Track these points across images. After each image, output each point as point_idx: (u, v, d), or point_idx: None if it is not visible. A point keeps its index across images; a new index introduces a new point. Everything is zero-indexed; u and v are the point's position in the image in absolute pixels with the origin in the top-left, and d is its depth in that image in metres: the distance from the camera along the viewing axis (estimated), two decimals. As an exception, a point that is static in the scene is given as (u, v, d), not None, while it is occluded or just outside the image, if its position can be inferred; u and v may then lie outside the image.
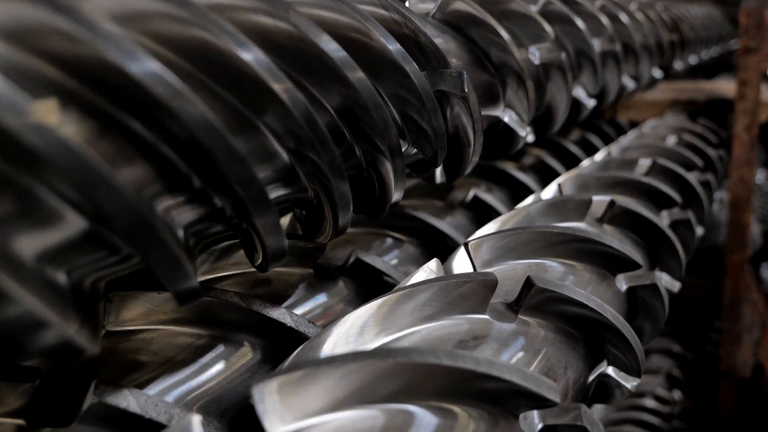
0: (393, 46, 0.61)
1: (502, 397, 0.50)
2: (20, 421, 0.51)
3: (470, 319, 0.62)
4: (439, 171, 0.85)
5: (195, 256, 0.50)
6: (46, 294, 0.37)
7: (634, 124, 1.96)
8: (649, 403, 1.98)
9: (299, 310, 0.74)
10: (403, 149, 0.69)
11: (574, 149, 1.58)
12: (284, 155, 0.53)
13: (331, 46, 0.53)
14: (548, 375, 0.62)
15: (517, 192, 1.28)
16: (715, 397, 2.15)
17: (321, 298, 0.77)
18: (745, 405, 2.30)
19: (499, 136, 0.97)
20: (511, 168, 1.29)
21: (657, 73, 1.78)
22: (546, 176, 1.41)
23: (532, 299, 0.64)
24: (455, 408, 0.50)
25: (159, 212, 0.44)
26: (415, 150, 0.72)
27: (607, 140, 1.78)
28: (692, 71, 3.07)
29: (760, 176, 3.36)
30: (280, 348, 0.63)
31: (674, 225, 1.15)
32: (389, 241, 0.95)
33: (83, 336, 0.39)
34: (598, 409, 1.88)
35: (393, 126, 0.59)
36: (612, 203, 0.93)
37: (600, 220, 0.93)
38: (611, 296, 0.81)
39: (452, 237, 0.96)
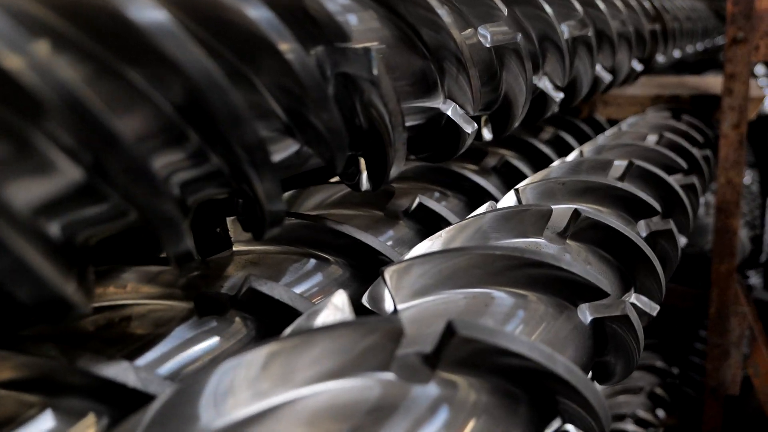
0: (259, 14, 0.45)
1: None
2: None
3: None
4: (364, 177, 0.69)
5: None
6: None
7: (614, 122, 1.81)
8: (630, 428, 1.81)
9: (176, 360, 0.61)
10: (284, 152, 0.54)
11: (546, 150, 1.42)
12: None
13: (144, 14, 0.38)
14: None
15: (476, 199, 1.13)
16: (701, 416, 2.00)
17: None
18: (733, 424, 2.14)
19: (443, 133, 0.82)
20: (469, 171, 1.12)
21: (637, 65, 1.62)
22: (512, 180, 1.26)
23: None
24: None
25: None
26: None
27: (584, 139, 1.63)
28: (677, 68, 2.93)
29: (747, 177, 3.21)
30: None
31: (653, 237, 1.00)
32: (312, 262, 0.79)
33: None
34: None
35: (248, 122, 0.42)
36: (577, 214, 0.80)
37: (562, 235, 0.80)
38: (571, 332, 0.68)
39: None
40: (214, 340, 0.63)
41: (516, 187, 0.92)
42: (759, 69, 3.73)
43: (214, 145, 0.44)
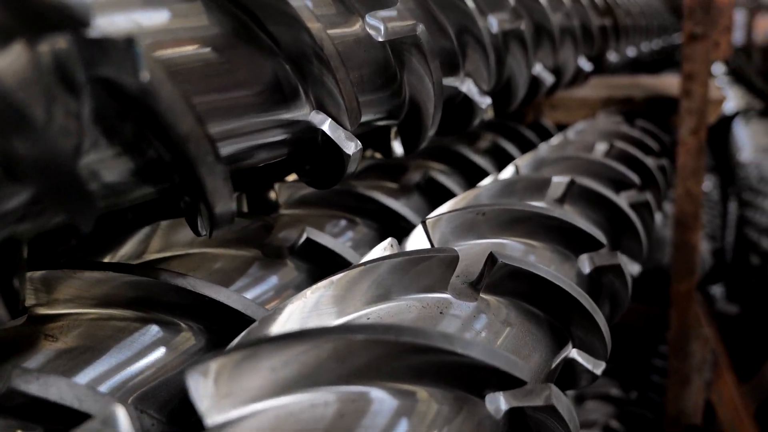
0: None
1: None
2: None
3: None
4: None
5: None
6: None
7: (562, 128, 1.63)
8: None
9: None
10: None
11: (481, 161, 1.23)
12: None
13: None
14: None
15: (390, 225, 0.98)
16: (661, 446, 1.83)
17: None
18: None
19: (322, 153, 0.67)
20: (380, 192, 0.94)
21: (586, 64, 1.45)
22: (439, 199, 1.07)
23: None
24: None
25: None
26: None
27: (528, 148, 1.45)
28: (633, 67, 2.77)
29: (707, 183, 3.07)
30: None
31: (598, 273, 0.82)
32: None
33: None
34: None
35: None
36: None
37: (475, 287, 0.69)
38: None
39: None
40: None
41: (426, 218, 0.73)
42: (716, 68, 3.62)
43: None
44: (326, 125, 0.58)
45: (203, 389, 0.38)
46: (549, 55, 1.19)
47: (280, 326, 0.51)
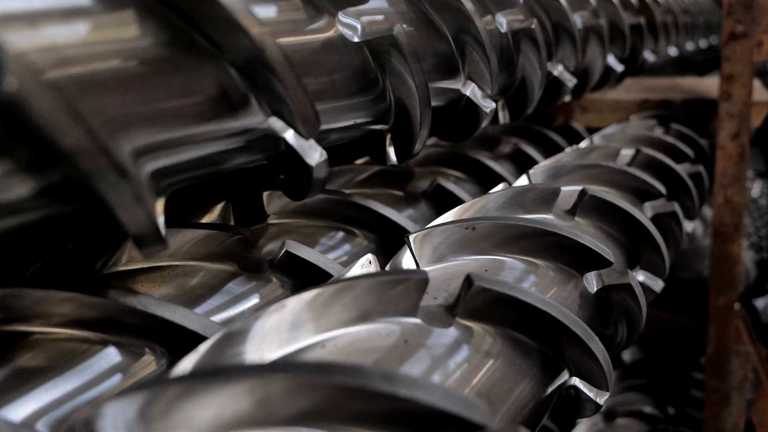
0: None
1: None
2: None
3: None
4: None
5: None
6: None
7: (594, 131, 1.55)
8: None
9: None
10: None
11: (497, 167, 1.17)
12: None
13: None
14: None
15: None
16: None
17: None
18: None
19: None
20: (376, 203, 0.89)
21: (617, 65, 1.38)
22: (445, 207, 1.02)
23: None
24: None
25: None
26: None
27: (555, 153, 1.37)
28: (679, 68, 2.65)
29: (755, 189, 2.92)
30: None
31: (607, 292, 0.76)
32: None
33: None
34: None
35: None
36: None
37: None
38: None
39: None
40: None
41: (408, 235, 0.67)
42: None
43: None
44: (288, 134, 0.54)
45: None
46: (571, 55, 1.12)
47: (258, 344, 0.46)
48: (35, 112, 0.32)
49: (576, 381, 0.65)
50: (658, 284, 0.95)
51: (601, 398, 0.66)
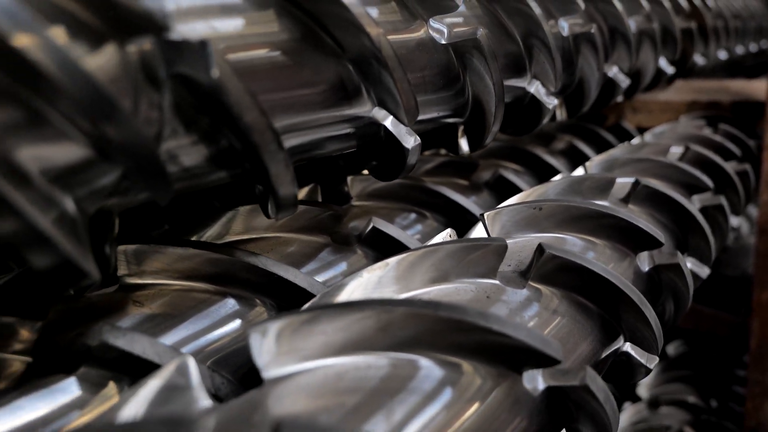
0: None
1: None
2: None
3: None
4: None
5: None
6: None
7: (644, 131, 1.62)
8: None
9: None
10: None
11: (554, 161, 1.25)
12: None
13: None
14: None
15: (457, 220, 1.02)
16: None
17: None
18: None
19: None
20: (448, 188, 0.99)
21: (668, 67, 1.45)
22: (508, 197, 1.11)
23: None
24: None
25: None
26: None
27: (605, 150, 1.45)
28: (730, 71, 2.69)
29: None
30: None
31: (657, 271, 0.84)
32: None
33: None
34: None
35: None
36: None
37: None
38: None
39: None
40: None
41: (485, 212, 0.77)
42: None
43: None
44: (388, 121, 0.64)
45: (262, 347, 0.44)
46: (625, 57, 1.20)
47: (345, 298, 0.55)
48: (230, 94, 0.42)
49: (628, 347, 0.72)
50: (704, 271, 1.02)
51: (651, 363, 0.73)
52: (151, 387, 0.40)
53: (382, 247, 0.82)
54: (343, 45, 0.56)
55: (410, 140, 0.64)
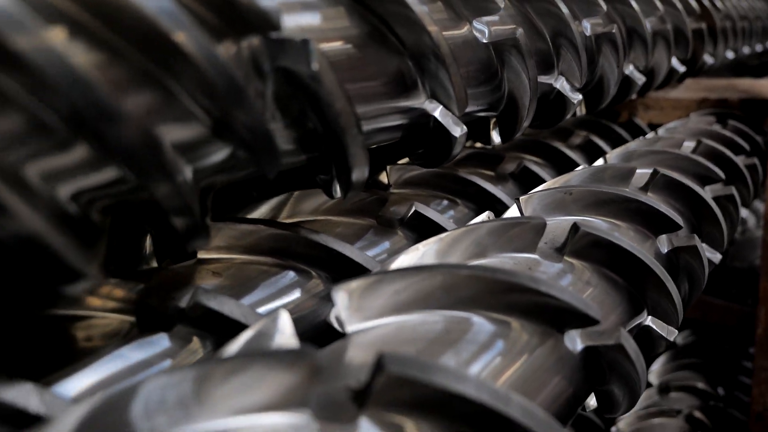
0: (150, 2, 0.38)
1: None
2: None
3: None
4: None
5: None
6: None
7: (655, 127, 1.69)
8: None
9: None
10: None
11: (573, 155, 1.33)
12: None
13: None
14: None
15: (486, 207, 1.07)
16: (747, 443, 1.86)
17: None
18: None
19: (432, 137, 0.80)
20: (478, 177, 1.06)
21: (679, 66, 1.52)
22: (533, 187, 1.17)
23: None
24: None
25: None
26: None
27: (620, 145, 1.52)
28: (735, 71, 2.76)
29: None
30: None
31: (676, 253, 0.91)
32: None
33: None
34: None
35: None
36: (575, 228, 0.77)
37: (560, 251, 0.78)
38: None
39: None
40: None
41: (520, 197, 0.84)
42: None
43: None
44: (438, 112, 0.71)
45: (345, 303, 0.50)
46: (641, 56, 1.27)
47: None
48: (325, 85, 0.49)
49: (649, 321, 0.77)
50: (716, 256, 1.09)
51: (671, 335, 0.78)
52: (249, 333, 0.46)
53: (422, 229, 0.89)
54: (405, 41, 0.63)
55: (457, 129, 0.71)
